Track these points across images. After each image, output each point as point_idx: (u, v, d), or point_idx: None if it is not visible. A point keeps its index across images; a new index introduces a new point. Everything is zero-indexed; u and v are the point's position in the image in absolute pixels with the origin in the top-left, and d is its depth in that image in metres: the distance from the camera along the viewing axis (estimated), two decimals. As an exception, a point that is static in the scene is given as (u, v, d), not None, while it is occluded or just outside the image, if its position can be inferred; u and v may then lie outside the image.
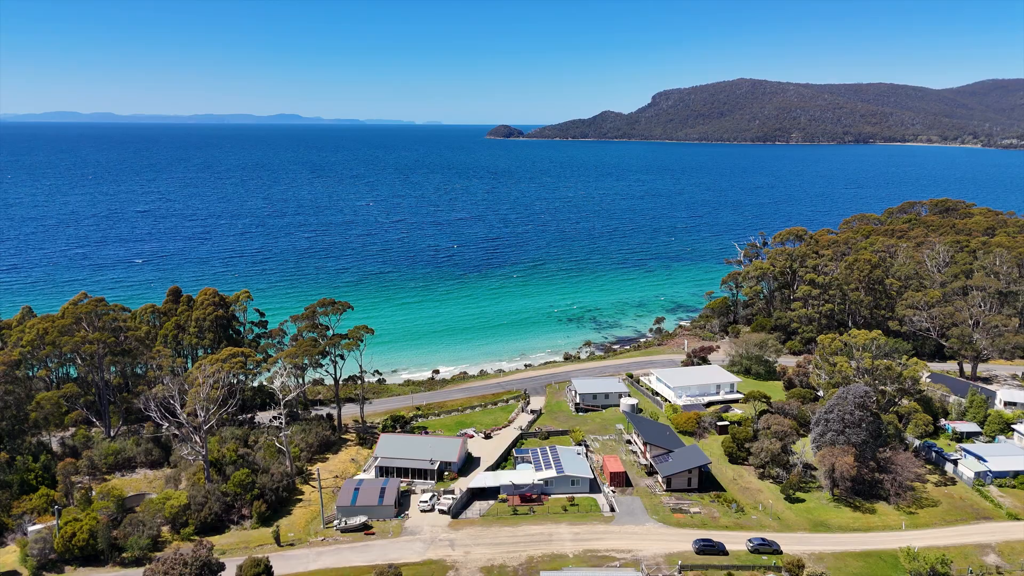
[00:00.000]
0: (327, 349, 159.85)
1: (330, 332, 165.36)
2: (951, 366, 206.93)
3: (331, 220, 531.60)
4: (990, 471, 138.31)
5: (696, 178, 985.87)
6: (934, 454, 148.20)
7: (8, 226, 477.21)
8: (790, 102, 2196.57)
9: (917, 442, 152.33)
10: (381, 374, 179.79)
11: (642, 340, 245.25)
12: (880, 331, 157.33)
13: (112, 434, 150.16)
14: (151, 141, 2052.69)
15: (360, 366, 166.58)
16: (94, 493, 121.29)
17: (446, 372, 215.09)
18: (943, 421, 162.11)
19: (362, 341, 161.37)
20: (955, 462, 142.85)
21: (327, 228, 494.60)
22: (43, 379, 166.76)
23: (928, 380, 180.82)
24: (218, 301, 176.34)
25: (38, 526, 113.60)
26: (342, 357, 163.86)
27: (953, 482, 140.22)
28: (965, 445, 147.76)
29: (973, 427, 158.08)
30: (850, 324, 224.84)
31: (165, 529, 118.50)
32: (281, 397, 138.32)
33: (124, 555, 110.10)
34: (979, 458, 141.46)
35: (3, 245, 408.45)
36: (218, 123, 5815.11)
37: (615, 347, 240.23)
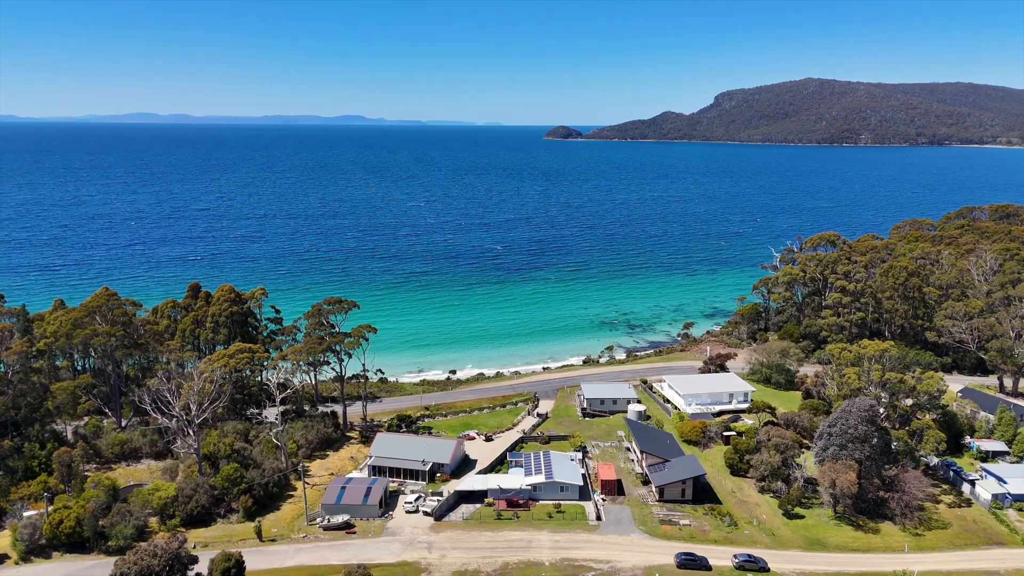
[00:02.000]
0: (332, 347, 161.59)
1: (336, 330, 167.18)
2: (993, 380, 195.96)
3: (381, 221, 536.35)
4: (1009, 494, 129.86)
5: (756, 181, 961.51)
6: (952, 473, 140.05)
7: (78, 222, 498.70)
8: (860, 102, 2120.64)
9: (935, 460, 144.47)
10: (383, 373, 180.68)
11: (664, 346, 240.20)
12: (891, 342, 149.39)
13: (123, 425, 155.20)
14: (221, 142, 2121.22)
15: (363, 364, 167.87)
16: (87, 482, 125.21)
17: (468, 373, 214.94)
18: (968, 439, 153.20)
19: (365, 340, 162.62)
20: (973, 483, 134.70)
21: (377, 228, 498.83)
22: (68, 369, 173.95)
23: (959, 395, 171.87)
24: (233, 297, 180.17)
25: (32, 512, 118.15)
26: (349, 355, 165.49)
27: (969, 504, 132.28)
28: (987, 465, 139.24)
29: (1000, 446, 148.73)
30: (886, 334, 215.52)
31: (154, 520, 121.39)
32: (277, 393, 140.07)
33: (109, 543, 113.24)
34: (999, 479, 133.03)
35: (71, 240, 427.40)
36: (286, 124, 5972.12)
37: (639, 352, 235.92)
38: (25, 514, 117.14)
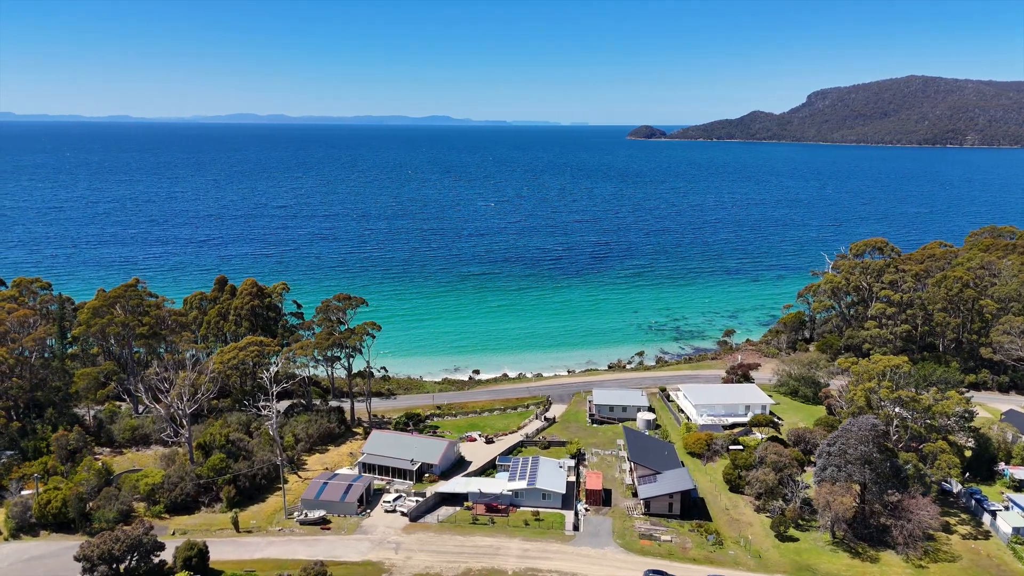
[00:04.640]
0: (340, 342, 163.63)
1: (343, 327, 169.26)
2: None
3: (448, 221, 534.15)
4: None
5: (845, 184, 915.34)
6: (974, 502, 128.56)
7: (165, 217, 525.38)
8: (967, 101, 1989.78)
9: (958, 487, 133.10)
10: (386, 370, 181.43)
11: (696, 354, 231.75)
12: (904, 358, 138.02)
13: (139, 411, 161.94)
14: (312, 141, 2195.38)
15: (367, 362, 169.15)
16: (81, 464, 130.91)
17: (493, 374, 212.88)
18: (1002, 465, 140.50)
19: (371, 336, 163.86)
20: (995, 513, 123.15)
21: (443, 229, 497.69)
22: (101, 355, 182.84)
23: (1003, 416, 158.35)
24: (255, 292, 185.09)
25: (28, 492, 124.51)
26: (359, 351, 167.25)
27: (987, 536, 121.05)
28: (1016, 495, 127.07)
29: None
30: (939, 348, 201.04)
31: (141, 506, 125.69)
32: (272, 387, 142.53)
33: (93, 526, 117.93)
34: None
35: (155, 235, 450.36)
36: (376, 124, 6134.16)
37: (677, 358, 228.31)
38: (22, 492, 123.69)
